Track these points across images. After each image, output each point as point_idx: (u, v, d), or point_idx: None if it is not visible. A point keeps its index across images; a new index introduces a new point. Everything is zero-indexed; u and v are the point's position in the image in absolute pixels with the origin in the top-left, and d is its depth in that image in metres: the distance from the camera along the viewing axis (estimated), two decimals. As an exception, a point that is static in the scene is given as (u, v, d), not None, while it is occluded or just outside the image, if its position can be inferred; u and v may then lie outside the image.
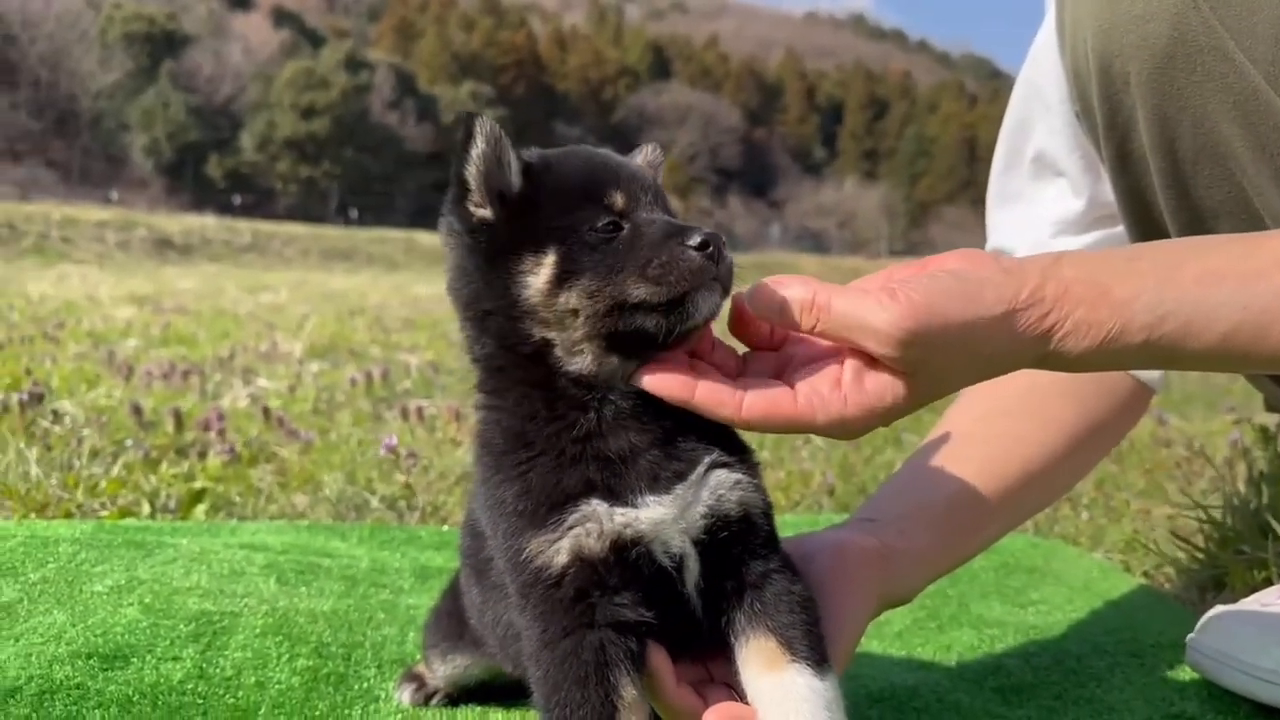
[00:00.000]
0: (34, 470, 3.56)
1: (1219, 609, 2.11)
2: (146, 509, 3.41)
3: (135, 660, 1.94)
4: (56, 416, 5.68)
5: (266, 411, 5.51)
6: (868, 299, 1.35)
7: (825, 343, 1.45)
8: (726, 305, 1.43)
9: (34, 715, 1.71)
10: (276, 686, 1.93)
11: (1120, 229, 2.10)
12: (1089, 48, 1.87)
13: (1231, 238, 1.56)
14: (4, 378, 7.23)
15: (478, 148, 1.39)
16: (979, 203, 2.84)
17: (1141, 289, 1.40)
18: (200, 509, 3.49)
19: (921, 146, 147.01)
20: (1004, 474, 1.90)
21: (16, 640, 1.98)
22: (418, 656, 2.04)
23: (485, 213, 1.41)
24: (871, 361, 1.38)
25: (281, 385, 7.00)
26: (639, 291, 1.34)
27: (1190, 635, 2.09)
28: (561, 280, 1.37)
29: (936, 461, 1.91)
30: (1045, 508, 2.10)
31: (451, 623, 1.88)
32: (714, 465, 1.45)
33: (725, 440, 1.48)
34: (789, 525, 3.36)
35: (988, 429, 1.96)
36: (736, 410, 1.38)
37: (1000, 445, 1.93)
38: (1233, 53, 1.70)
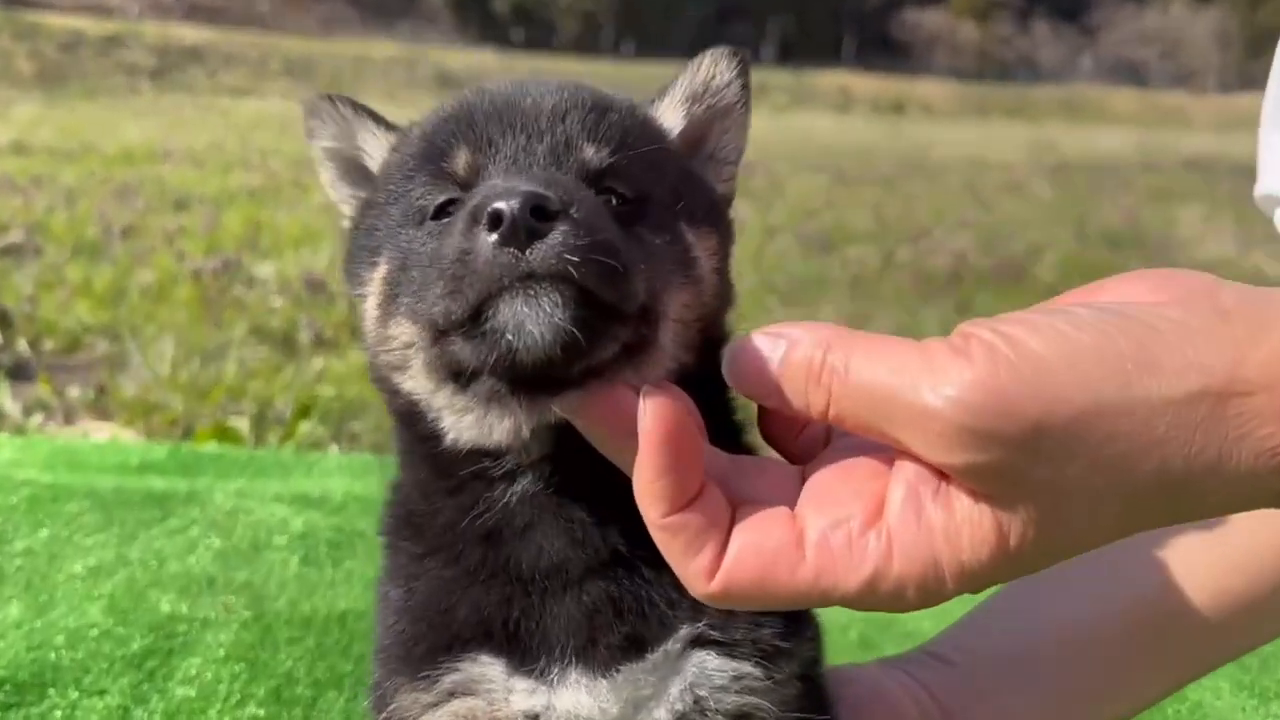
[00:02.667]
0: (144, 375, 3.39)
1: None
2: (248, 425, 3.17)
3: (52, 693, 1.63)
4: (251, 283, 5.70)
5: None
6: (916, 355, 0.71)
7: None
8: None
9: None
10: (201, 749, 1.57)
11: None
12: None
13: None
14: (219, 240, 7.41)
15: (318, 140, 1.06)
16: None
17: None
18: (305, 426, 3.21)
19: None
20: (1198, 598, 1.19)
21: (-57, 650, 1.71)
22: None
23: (349, 213, 1.06)
24: (940, 476, 0.73)
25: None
26: (438, 306, 0.82)
27: None
28: (389, 301, 0.92)
29: (1088, 571, 1.21)
30: (1264, 644, 1.33)
31: None
32: (700, 641, 0.90)
33: None
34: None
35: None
36: (706, 573, 0.75)
37: (1205, 554, 1.20)
38: None
